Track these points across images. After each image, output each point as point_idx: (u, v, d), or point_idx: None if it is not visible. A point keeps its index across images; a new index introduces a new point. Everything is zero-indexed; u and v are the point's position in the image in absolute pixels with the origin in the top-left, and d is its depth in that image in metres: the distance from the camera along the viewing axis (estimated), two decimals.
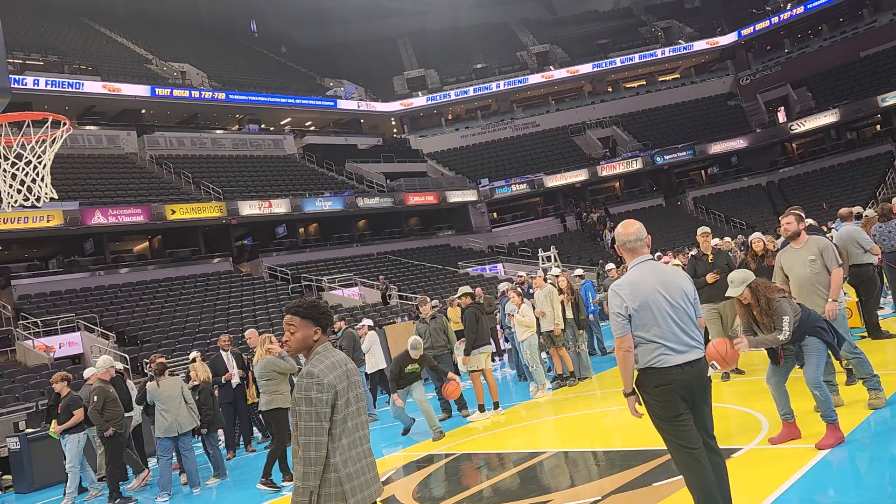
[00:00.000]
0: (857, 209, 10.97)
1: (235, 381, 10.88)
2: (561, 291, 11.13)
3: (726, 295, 5.78)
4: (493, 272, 31.86)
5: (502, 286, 14.26)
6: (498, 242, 38.32)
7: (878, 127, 40.05)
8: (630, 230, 4.08)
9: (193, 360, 10.24)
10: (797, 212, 6.65)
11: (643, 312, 3.89)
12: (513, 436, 8.32)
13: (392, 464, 7.80)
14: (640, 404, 4.01)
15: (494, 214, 41.99)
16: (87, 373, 10.51)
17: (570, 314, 11.02)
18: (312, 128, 43.72)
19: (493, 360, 12.75)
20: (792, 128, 40.69)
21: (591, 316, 13.06)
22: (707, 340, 8.88)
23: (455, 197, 38.73)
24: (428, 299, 10.79)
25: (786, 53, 45.72)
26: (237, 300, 24.66)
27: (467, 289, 10.41)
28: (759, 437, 5.89)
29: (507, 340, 14.17)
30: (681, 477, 4.28)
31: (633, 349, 3.92)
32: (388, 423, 11.32)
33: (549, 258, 27.69)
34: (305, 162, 38.58)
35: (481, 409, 9.51)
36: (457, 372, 10.30)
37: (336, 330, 11.83)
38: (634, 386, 4.02)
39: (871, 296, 8.97)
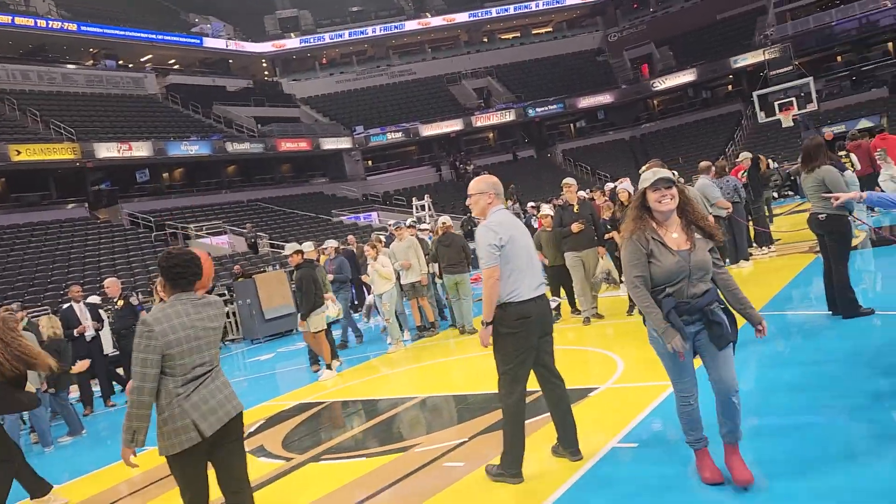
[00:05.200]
0: (719, 164, 11.50)
1: (90, 333, 10.26)
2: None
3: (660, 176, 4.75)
4: (368, 220, 31.72)
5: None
6: (373, 191, 38.08)
7: (730, 87, 42.79)
8: (496, 179, 4.48)
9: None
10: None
11: (511, 245, 4.19)
12: (382, 384, 8.42)
13: (261, 413, 7.69)
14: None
15: (369, 162, 41.58)
16: None
17: None
18: (176, 66, 41.21)
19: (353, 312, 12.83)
20: (654, 85, 42.67)
21: None
22: (570, 288, 9.38)
23: (329, 144, 38.00)
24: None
25: (651, 12, 47.57)
26: (94, 248, 23.20)
27: (296, 246, 9.62)
28: (614, 376, 6.26)
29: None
30: (547, 414, 4.50)
31: (499, 279, 4.15)
32: (258, 373, 11.15)
33: (422, 207, 27.85)
34: (169, 103, 36.42)
35: (329, 367, 9.20)
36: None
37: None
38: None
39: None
